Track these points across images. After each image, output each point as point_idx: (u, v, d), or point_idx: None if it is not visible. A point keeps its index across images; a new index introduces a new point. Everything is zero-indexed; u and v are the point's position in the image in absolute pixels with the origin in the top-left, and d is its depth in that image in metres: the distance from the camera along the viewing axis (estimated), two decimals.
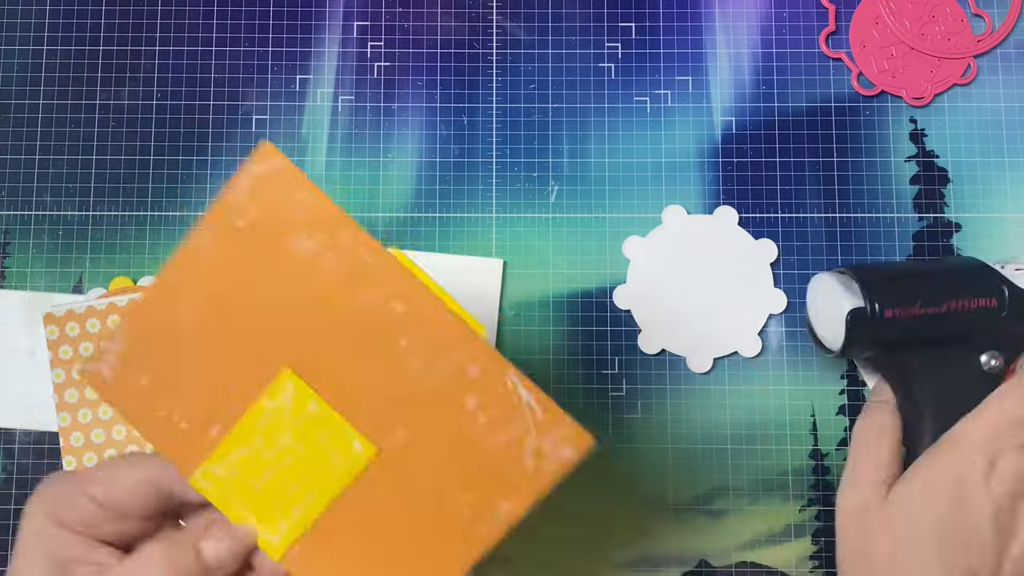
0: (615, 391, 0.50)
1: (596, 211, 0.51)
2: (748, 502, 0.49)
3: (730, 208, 0.51)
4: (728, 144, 0.52)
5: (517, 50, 0.53)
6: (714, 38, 0.53)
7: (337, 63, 0.53)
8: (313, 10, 0.53)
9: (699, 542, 0.49)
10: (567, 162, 0.52)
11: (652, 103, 0.52)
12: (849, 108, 0.52)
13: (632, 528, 0.49)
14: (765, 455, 0.49)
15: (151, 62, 0.53)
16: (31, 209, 0.51)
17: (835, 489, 0.49)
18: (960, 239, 0.51)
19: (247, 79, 0.53)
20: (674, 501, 0.49)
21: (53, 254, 0.51)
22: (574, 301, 0.51)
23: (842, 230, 0.51)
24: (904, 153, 0.52)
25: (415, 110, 0.52)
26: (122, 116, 0.52)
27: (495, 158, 0.52)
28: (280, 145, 0.52)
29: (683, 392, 0.50)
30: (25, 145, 0.52)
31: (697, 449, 0.50)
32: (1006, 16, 0.53)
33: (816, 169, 0.52)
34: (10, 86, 0.53)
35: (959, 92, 0.53)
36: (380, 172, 0.52)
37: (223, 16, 0.53)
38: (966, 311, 0.44)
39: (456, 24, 0.53)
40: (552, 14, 0.53)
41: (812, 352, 0.50)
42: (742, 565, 0.49)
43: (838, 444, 0.50)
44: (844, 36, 0.53)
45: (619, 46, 0.53)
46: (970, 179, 0.52)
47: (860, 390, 0.50)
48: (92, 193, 0.52)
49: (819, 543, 0.49)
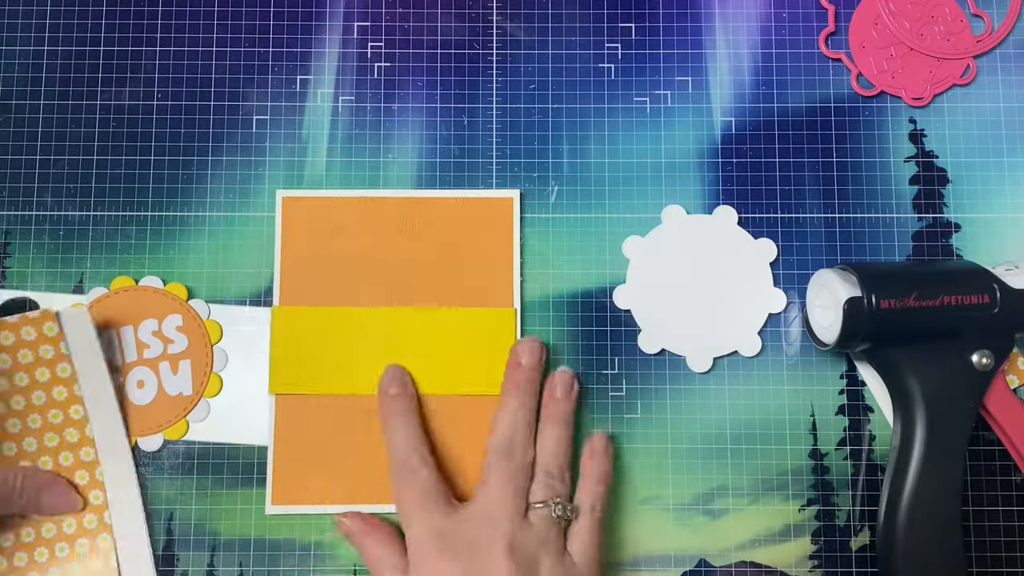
0: (615, 391, 0.50)
1: (596, 211, 0.51)
2: (748, 502, 0.49)
3: (730, 208, 0.51)
4: (728, 144, 0.52)
5: (517, 50, 0.53)
6: (714, 38, 0.53)
7: (337, 63, 0.53)
8: (313, 10, 0.53)
9: (699, 542, 0.49)
10: (567, 162, 0.52)
11: (652, 103, 0.52)
12: (849, 108, 0.52)
13: (632, 528, 0.49)
14: (765, 455, 0.49)
15: (151, 62, 0.53)
16: (31, 209, 0.51)
17: (835, 489, 0.49)
18: (959, 239, 0.51)
19: (247, 79, 0.53)
20: (674, 501, 0.49)
21: (53, 254, 0.51)
22: (574, 301, 0.51)
23: (841, 230, 0.51)
24: (903, 153, 0.52)
25: (415, 110, 0.52)
26: (122, 116, 0.52)
27: (495, 158, 0.52)
28: (280, 145, 0.52)
29: (683, 392, 0.50)
30: (25, 145, 0.52)
31: (697, 449, 0.50)
32: (1005, 16, 0.53)
33: (816, 169, 0.52)
34: (10, 86, 0.52)
35: (958, 92, 0.53)
36: (380, 172, 0.52)
37: (223, 16, 0.53)
38: (959, 307, 0.45)
39: (456, 24, 0.53)
40: (552, 14, 0.53)
41: (812, 352, 0.50)
42: (742, 565, 0.49)
43: (838, 444, 0.50)
44: (844, 36, 0.53)
45: (619, 46, 0.53)
46: (969, 179, 0.52)
47: (860, 390, 0.50)
48: (92, 193, 0.52)
49: (819, 543, 0.49)
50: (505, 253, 0.50)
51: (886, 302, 0.45)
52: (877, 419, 0.50)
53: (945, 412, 0.45)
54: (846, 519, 0.49)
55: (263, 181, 0.52)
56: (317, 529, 0.49)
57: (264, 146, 0.52)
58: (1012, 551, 0.49)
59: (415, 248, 0.50)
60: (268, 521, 0.49)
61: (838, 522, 0.49)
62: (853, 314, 0.45)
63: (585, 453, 0.48)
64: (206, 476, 0.49)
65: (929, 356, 0.46)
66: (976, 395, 0.46)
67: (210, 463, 0.49)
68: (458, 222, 0.51)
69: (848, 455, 0.49)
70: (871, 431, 0.50)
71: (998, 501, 0.49)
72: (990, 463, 0.49)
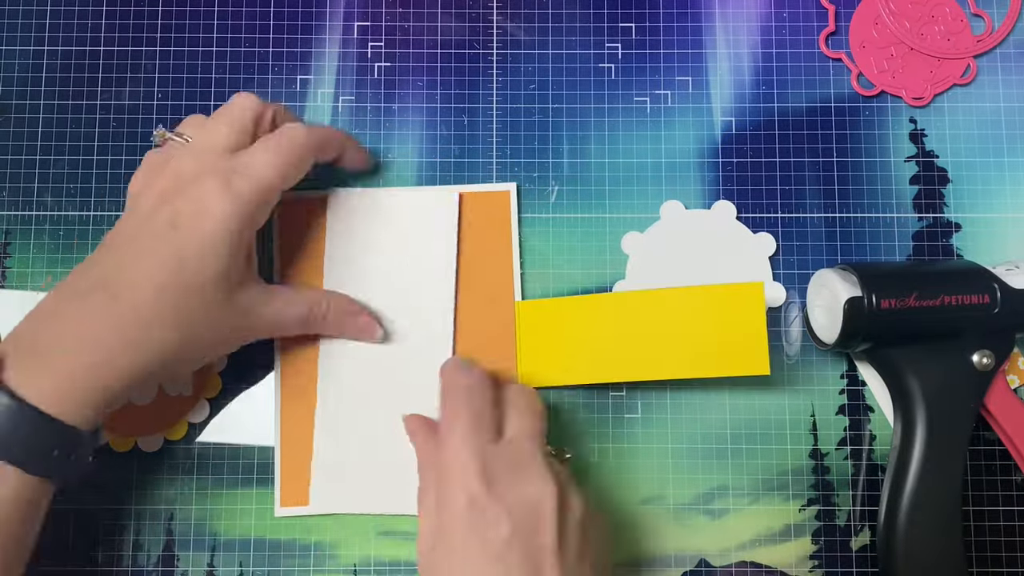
0: (615, 391, 0.50)
1: (596, 211, 0.51)
2: (748, 502, 0.49)
3: (728, 202, 0.51)
4: (728, 144, 0.52)
5: (517, 50, 0.53)
6: (714, 38, 0.53)
7: (337, 63, 0.53)
8: (313, 10, 0.53)
9: (699, 542, 0.49)
10: (567, 162, 0.52)
11: (652, 103, 0.52)
12: (849, 108, 0.52)
13: (632, 528, 0.49)
14: (765, 455, 0.49)
15: (151, 62, 0.53)
16: (31, 209, 0.51)
17: (835, 489, 0.49)
18: (960, 239, 0.51)
19: (247, 79, 0.53)
20: (674, 501, 0.49)
21: (53, 254, 0.51)
22: None
23: (842, 230, 0.51)
24: (904, 153, 0.52)
25: (415, 110, 0.52)
26: (122, 116, 0.52)
27: (495, 158, 0.52)
28: None
29: (683, 392, 0.50)
30: (25, 145, 0.52)
31: (697, 449, 0.50)
32: (1006, 16, 0.53)
33: (816, 169, 0.52)
34: (10, 86, 0.52)
35: (959, 92, 0.53)
36: (380, 172, 0.52)
37: (223, 16, 0.53)
38: (959, 306, 0.45)
39: (456, 24, 0.53)
40: (552, 14, 0.53)
41: (812, 352, 0.50)
42: (742, 565, 0.49)
43: (838, 444, 0.50)
44: (844, 36, 0.53)
45: (619, 46, 0.53)
46: (970, 179, 0.52)
47: (860, 390, 0.50)
48: (92, 193, 0.52)
49: (819, 543, 0.49)
50: (505, 247, 0.50)
51: (886, 302, 0.45)
52: (877, 419, 0.50)
53: (946, 412, 0.45)
54: (846, 519, 0.49)
55: None
56: (317, 530, 0.49)
57: None
58: (1012, 551, 0.49)
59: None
60: (268, 522, 0.49)
61: (838, 522, 0.49)
62: (853, 314, 0.45)
63: None
64: (206, 476, 0.49)
65: (929, 356, 0.46)
66: (976, 395, 0.46)
67: (210, 463, 0.49)
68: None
69: (848, 455, 0.49)
70: (871, 431, 0.50)
71: (998, 501, 0.49)
72: (990, 463, 0.49)
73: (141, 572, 0.48)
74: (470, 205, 0.51)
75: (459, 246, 0.50)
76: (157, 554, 0.48)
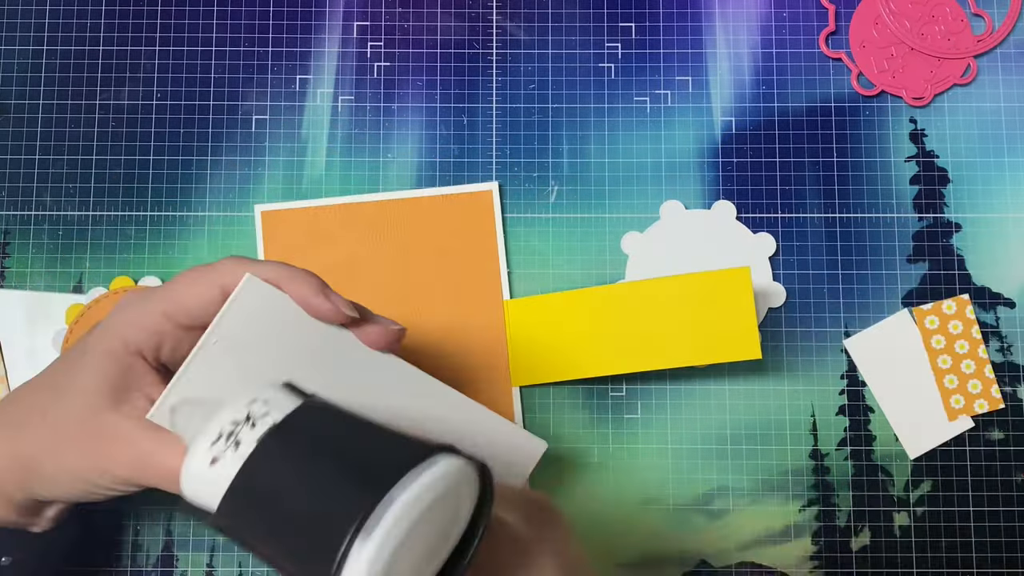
0: (615, 391, 0.50)
1: (596, 211, 0.51)
2: (748, 502, 0.49)
3: (728, 202, 0.51)
4: (728, 144, 0.52)
5: (517, 50, 0.53)
6: (714, 38, 0.53)
7: (337, 63, 0.53)
8: (313, 10, 0.53)
9: (699, 542, 0.49)
10: (567, 162, 0.52)
11: (652, 103, 0.52)
12: (849, 108, 0.52)
13: (632, 528, 0.49)
14: (765, 455, 0.49)
15: (151, 62, 0.53)
16: (31, 209, 0.51)
17: (835, 489, 0.49)
18: (960, 239, 0.51)
19: (247, 79, 0.53)
20: (674, 501, 0.49)
21: (53, 254, 0.51)
22: None
23: (842, 230, 0.51)
24: (904, 153, 0.52)
25: (415, 110, 0.52)
26: (122, 116, 0.52)
27: (495, 158, 0.52)
28: (280, 145, 0.52)
29: (683, 392, 0.50)
30: (25, 145, 0.52)
31: (697, 449, 0.50)
32: (1006, 16, 0.53)
33: (816, 169, 0.52)
34: (10, 86, 0.53)
35: (959, 92, 0.53)
36: (380, 172, 0.52)
37: (223, 16, 0.53)
38: None
39: (456, 24, 0.53)
40: (552, 14, 0.53)
41: (812, 352, 0.50)
42: (742, 565, 0.49)
43: (838, 444, 0.50)
44: (844, 36, 0.53)
45: (619, 46, 0.53)
46: (970, 179, 0.52)
47: (860, 390, 0.50)
48: (92, 193, 0.52)
49: (819, 543, 0.49)
50: (490, 247, 0.50)
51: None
52: (877, 419, 0.50)
53: None
54: (846, 519, 0.49)
55: (263, 181, 0.52)
56: None
57: (264, 146, 0.52)
58: (1012, 551, 0.49)
59: (398, 249, 0.50)
60: None
61: (838, 522, 0.49)
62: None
63: None
64: None
65: None
66: None
67: None
68: (439, 219, 0.51)
69: (848, 455, 0.49)
70: (871, 431, 0.50)
71: (998, 501, 0.49)
72: (990, 463, 0.49)
73: (141, 572, 0.48)
74: (453, 206, 0.51)
75: (445, 248, 0.50)
76: (156, 554, 0.48)
